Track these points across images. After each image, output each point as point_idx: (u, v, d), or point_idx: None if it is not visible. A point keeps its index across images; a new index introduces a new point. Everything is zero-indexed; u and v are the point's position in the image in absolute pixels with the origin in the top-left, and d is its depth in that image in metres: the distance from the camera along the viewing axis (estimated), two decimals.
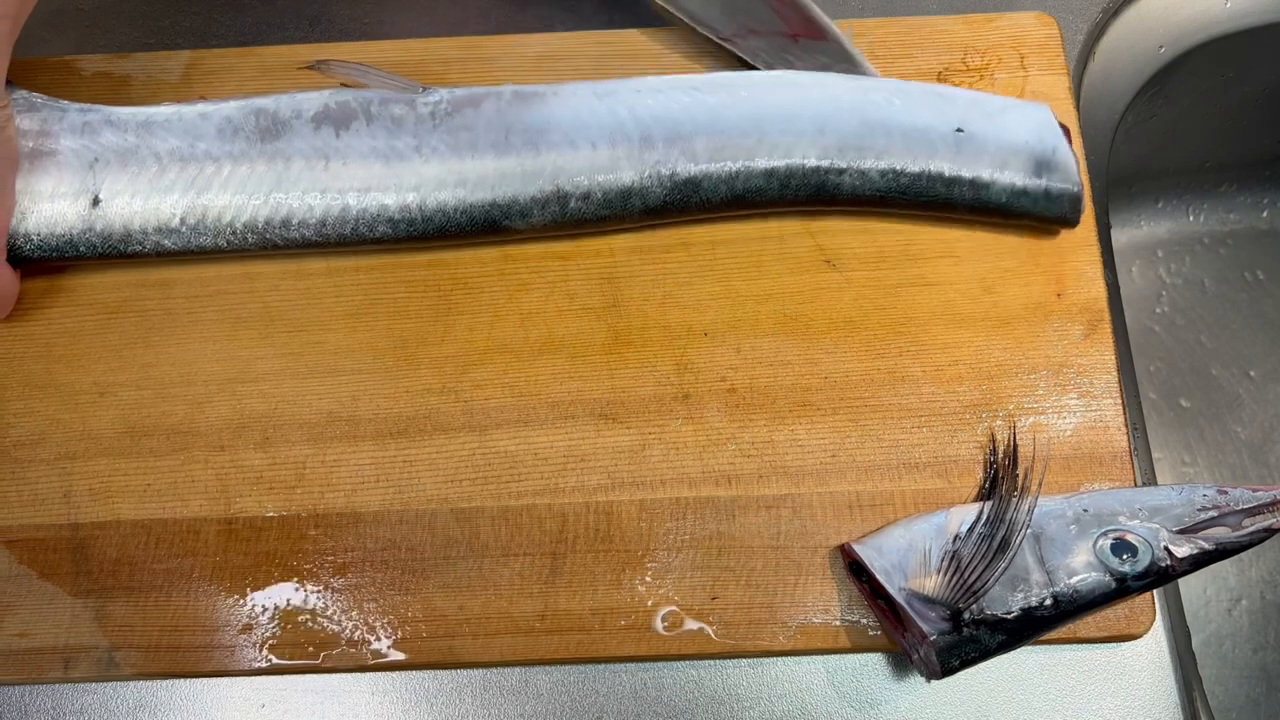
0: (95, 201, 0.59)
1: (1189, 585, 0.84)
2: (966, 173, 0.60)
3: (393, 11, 0.75)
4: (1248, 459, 0.90)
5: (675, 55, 0.68)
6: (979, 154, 0.61)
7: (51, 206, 0.59)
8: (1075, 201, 0.61)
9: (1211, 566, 0.53)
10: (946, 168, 0.60)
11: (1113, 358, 0.60)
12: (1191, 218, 0.98)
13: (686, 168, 0.60)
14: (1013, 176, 0.61)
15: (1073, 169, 0.61)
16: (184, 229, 0.59)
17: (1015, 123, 0.62)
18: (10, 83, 0.59)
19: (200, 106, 0.61)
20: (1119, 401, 0.59)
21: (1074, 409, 0.59)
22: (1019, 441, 0.58)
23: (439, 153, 0.60)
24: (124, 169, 0.59)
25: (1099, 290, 0.62)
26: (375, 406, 0.60)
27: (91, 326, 0.62)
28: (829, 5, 0.74)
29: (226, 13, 0.75)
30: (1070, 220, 0.61)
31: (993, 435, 0.58)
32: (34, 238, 0.59)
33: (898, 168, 0.60)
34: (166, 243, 0.59)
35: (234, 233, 0.59)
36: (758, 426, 0.59)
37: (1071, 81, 0.67)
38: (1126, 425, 0.59)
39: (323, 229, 0.59)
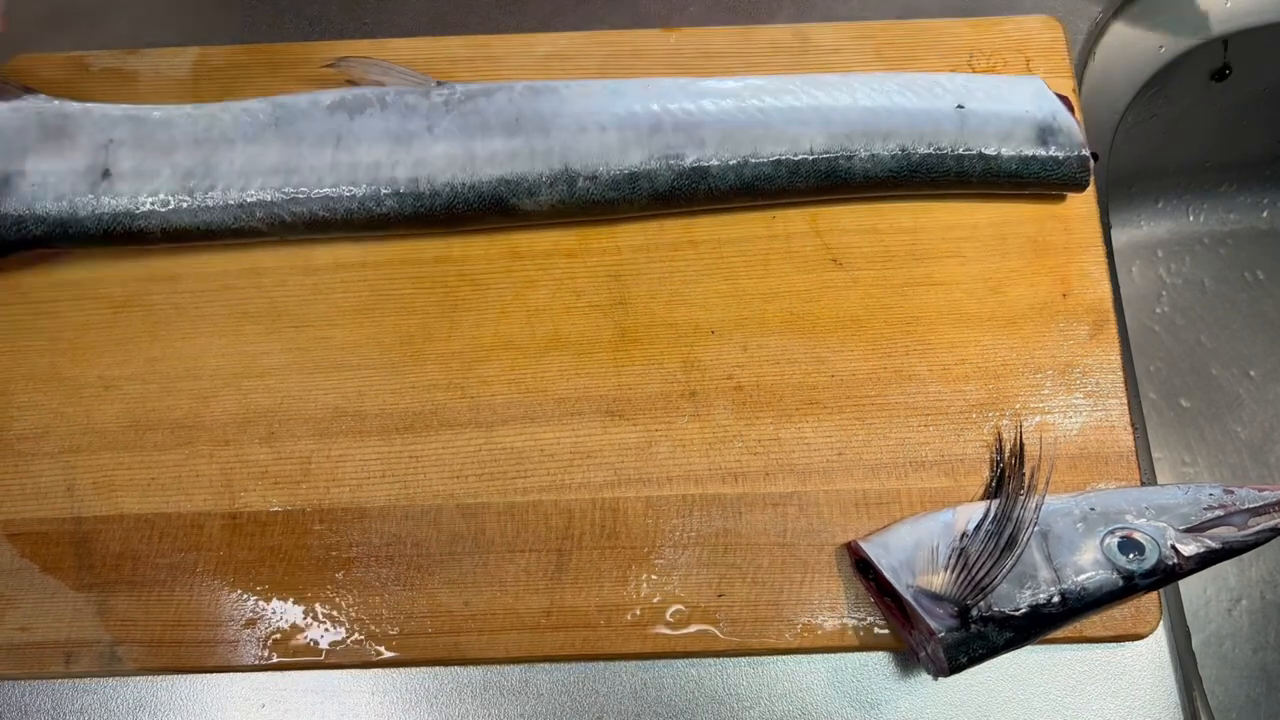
0: (105, 174, 0.59)
1: (1189, 585, 0.84)
2: (975, 145, 0.61)
3: (391, 12, 0.75)
4: (1248, 459, 0.90)
5: (681, 55, 0.68)
6: (984, 126, 0.62)
7: (60, 185, 0.59)
8: (1082, 163, 0.62)
9: (1212, 566, 0.53)
10: (954, 142, 0.61)
11: (1118, 358, 0.60)
12: (1191, 218, 0.98)
13: (695, 154, 0.60)
14: (1019, 144, 0.62)
15: (1076, 133, 0.62)
16: (192, 203, 0.59)
17: (1011, 94, 0.63)
18: (29, 88, 0.61)
19: (221, 103, 0.62)
20: (1124, 401, 0.59)
21: (1080, 408, 0.59)
22: (1025, 440, 0.58)
23: (450, 132, 0.60)
24: (137, 147, 0.60)
25: (1104, 291, 0.62)
26: (381, 402, 0.59)
27: (97, 320, 0.61)
28: (830, 8, 0.75)
29: (225, 12, 0.75)
30: (1079, 183, 0.62)
31: (999, 434, 0.59)
32: (44, 217, 0.59)
33: (907, 148, 0.61)
34: (174, 218, 0.59)
35: (242, 207, 0.59)
36: (764, 424, 0.59)
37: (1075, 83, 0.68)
38: (1132, 425, 0.59)
39: (330, 203, 0.60)
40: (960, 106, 0.62)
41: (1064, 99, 0.63)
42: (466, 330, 0.61)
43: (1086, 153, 0.61)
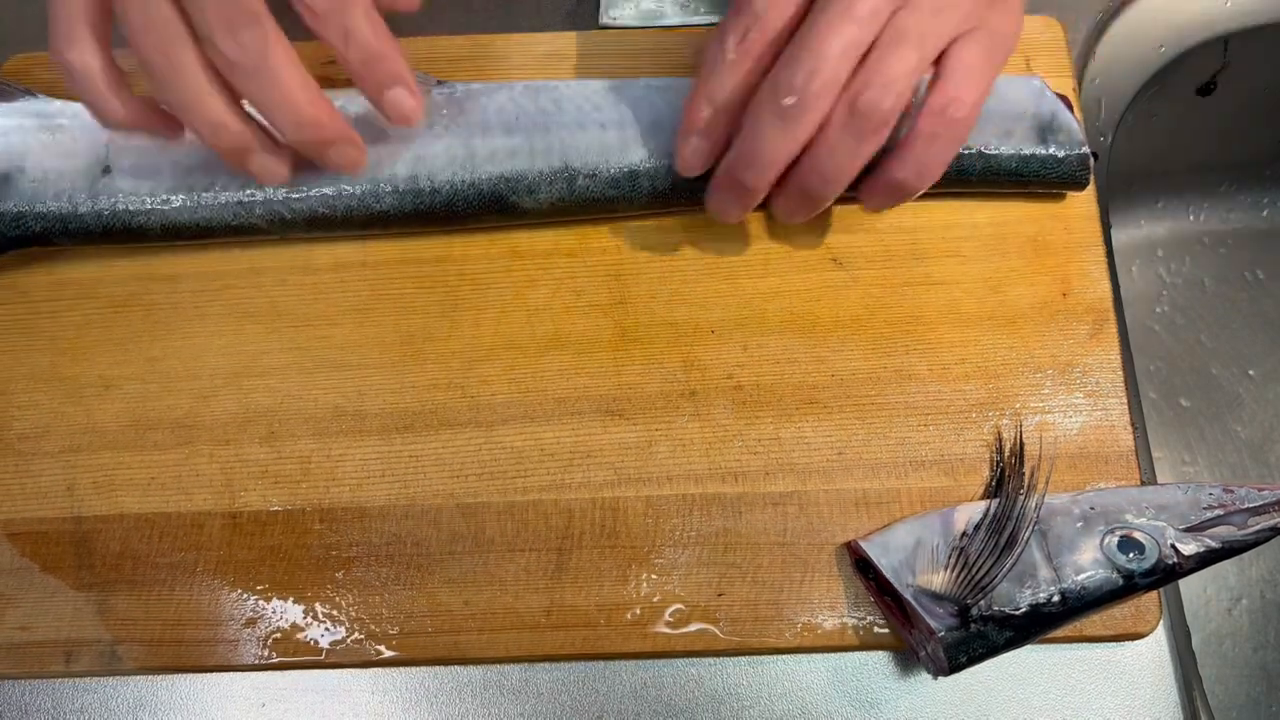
0: (105, 170, 0.59)
1: (1189, 585, 0.84)
2: (974, 143, 0.61)
3: (389, 12, 0.74)
4: (1248, 459, 0.90)
5: (682, 55, 0.68)
6: (983, 124, 0.61)
7: (60, 181, 0.59)
8: (1083, 161, 0.62)
9: (1212, 566, 0.53)
10: None
11: (1118, 357, 0.60)
12: (1191, 218, 0.98)
13: None
14: (1019, 143, 0.61)
15: (1076, 131, 0.62)
16: (192, 200, 0.59)
17: (1011, 94, 0.63)
18: (28, 90, 0.61)
19: None
20: (1124, 401, 0.59)
21: (1080, 408, 0.59)
22: (1025, 440, 0.58)
23: (450, 130, 0.60)
24: (138, 144, 0.60)
25: (1104, 290, 0.62)
26: (381, 401, 0.59)
27: (97, 320, 0.61)
28: None
29: None
30: (1080, 181, 0.62)
31: (999, 434, 0.59)
32: (44, 214, 0.59)
33: None
34: (174, 215, 0.59)
35: (241, 204, 0.59)
36: (764, 424, 0.59)
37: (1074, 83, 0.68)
38: (1132, 424, 0.59)
39: (330, 200, 0.59)
40: None
41: (1064, 99, 0.63)
42: (466, 330, 0.61)
43: (1086, 151, 0.61)
